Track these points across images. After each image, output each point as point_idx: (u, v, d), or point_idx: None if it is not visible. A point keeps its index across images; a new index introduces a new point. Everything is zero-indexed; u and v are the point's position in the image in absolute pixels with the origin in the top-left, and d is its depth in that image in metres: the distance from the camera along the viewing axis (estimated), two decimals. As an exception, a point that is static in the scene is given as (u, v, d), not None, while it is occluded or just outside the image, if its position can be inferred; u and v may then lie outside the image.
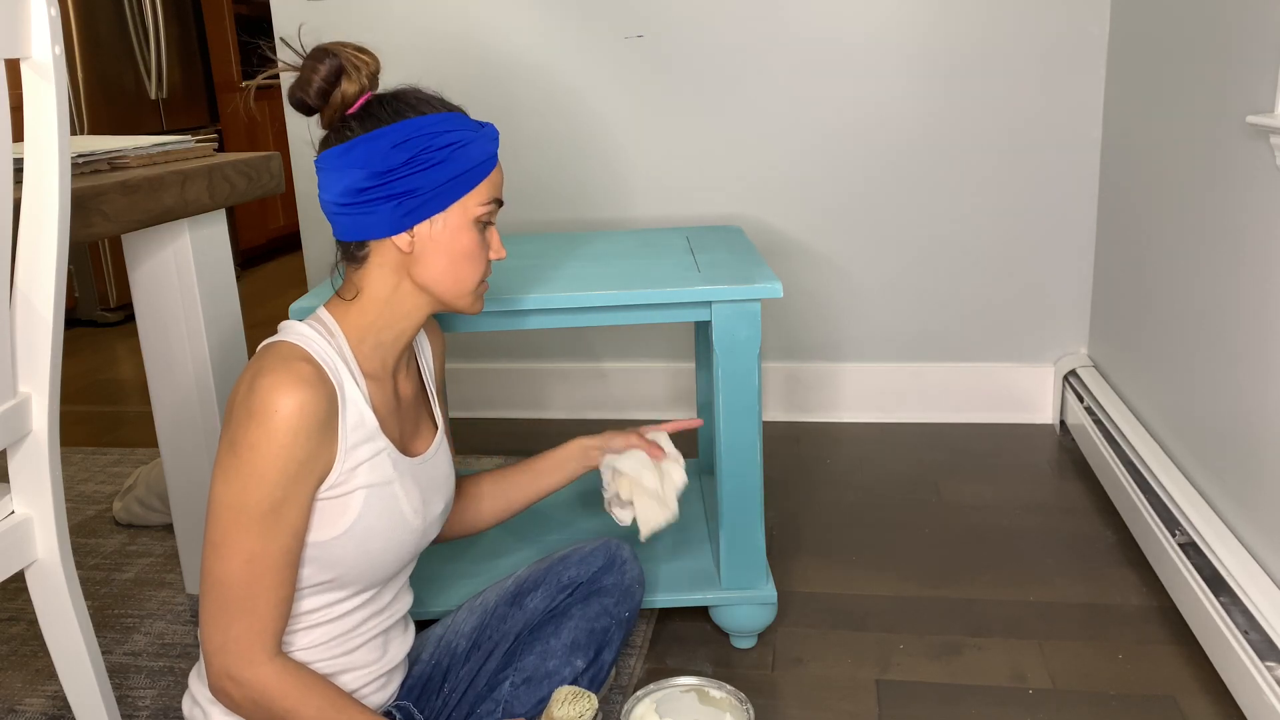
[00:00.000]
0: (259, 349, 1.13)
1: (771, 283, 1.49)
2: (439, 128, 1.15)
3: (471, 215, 1.18)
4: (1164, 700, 1.49)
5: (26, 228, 1.10)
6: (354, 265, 1.19)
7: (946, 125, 2.44)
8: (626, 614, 1.42)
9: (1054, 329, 2.53)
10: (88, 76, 3.97)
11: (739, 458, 1.56)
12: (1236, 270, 1.63)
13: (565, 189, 2.62)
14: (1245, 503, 1.59)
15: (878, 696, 1.53)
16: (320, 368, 1.10)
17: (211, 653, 1.09)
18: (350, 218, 1.16)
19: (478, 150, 1.18)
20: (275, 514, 1.07)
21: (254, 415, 1.05)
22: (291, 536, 1.09)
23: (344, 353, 1.16)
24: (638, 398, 2.72)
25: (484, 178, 1.19)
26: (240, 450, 1.06)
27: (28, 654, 1.72)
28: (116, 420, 2.90)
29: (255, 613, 1.08)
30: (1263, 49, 1.54)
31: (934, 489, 2.22)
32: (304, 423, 1.06)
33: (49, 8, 1.06)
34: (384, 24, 2.57)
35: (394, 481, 1.18)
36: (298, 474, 1.07)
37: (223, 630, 1.08)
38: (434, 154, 1.14)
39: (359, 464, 1.14)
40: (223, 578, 1.07)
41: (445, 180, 1.15)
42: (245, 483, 1.06)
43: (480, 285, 1.23)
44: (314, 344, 1.13)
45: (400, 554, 1.21)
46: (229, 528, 1.06)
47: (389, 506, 1.17)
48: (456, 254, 1.18)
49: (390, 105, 1.15)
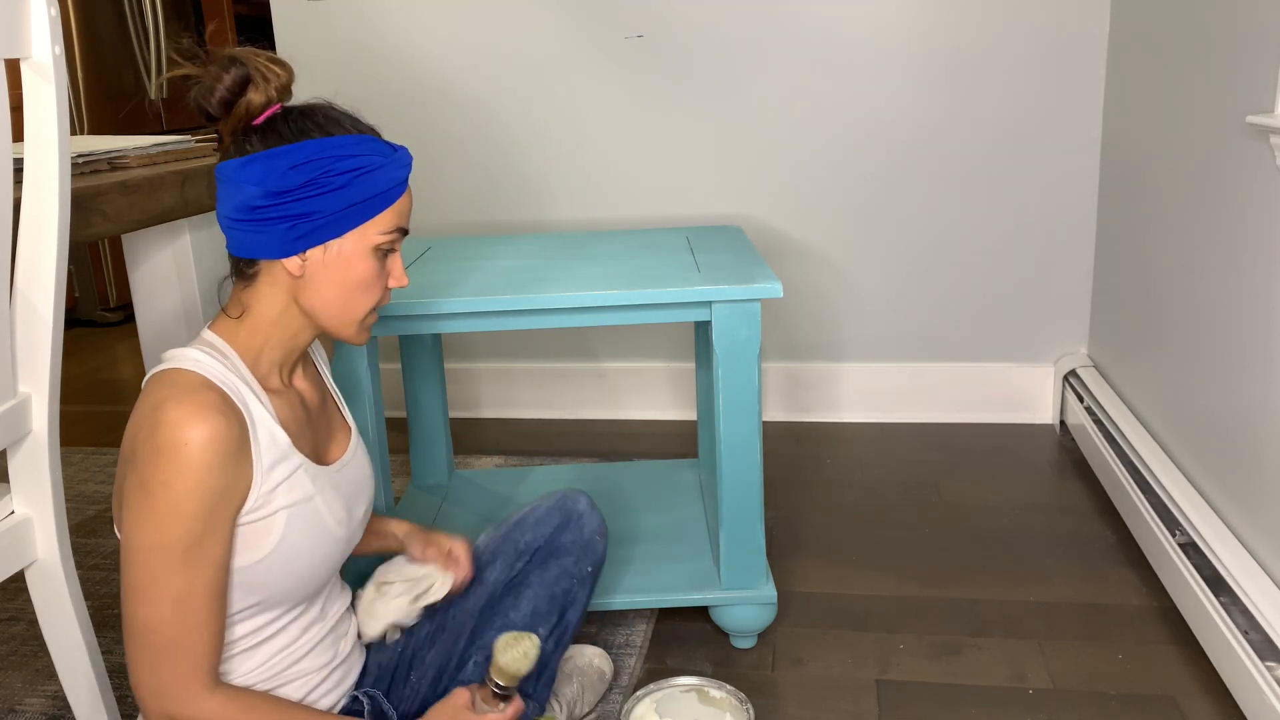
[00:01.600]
0: (149, 379, 1.08)
1: (771, 283, 1.49)
2: (343, 151, 1.10)
3: (370, 243, 1.13)
4: (1164, 700, 1.49)
5: (26, 228, 1.10)
6: (243, 282, 1.14)
7: (947, 125, 2.44)
8: (589, 568, 1.41)
9: (1054, 329, 2.53)
10: (88, 76, 3.97)
11: (739, 458, 1.56)
12: (1237, 270, 1.63)
13: (565, 189, 2.62)
14: (1245, 503, 1.59)
15: (878, 696, 1.53)
16: (224, 393, 1.06)
17: (147, 699, 1.05)
18: (242, 234, 1.11)
19: (383, 177, 1.13)
20: (198, 549, 1.03)
21: (162, 451, 1.01)
22: (216, 569, 1.05)
23: (241, 373, 1.11)
24: (638, 398, 2.72)
25: (387, 206, 1.14)
26: (153, 489, 1.01)
27: (28, 654, 1.72)
28: (116, 420, 2.90)
29: (188, 652, 1.04)
30: (1263, 49, 1.54)
31: (934, 489, 2.22)
32: (216, 452, 1.02)
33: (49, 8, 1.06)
34: (383, 24, 2.57)
35: (314, 496, 1.14)
36: (215, 505, 1.03)
37: (155, 675, 1.04)
38: (334, 178, 1.09)
39: (277, 485, 1.10)
40: (149, 622, 1.03)
41: (344, 206, 1.10)
42: (161, 522, 1.01)
43: (369, 316, 1.18)
44: (211, 369, 1.08)
45: (327, 565, 1.18)
46: (151, 570, 1.02)
47: (312, 523, 1.14)
48: (349, 282, 1.13)
49: (295, 123, 1.10)
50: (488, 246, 1.91)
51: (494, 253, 1.84)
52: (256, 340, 1.14)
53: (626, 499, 1.97)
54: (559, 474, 2.11)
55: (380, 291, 1.17)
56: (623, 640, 1.67)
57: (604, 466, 2.13)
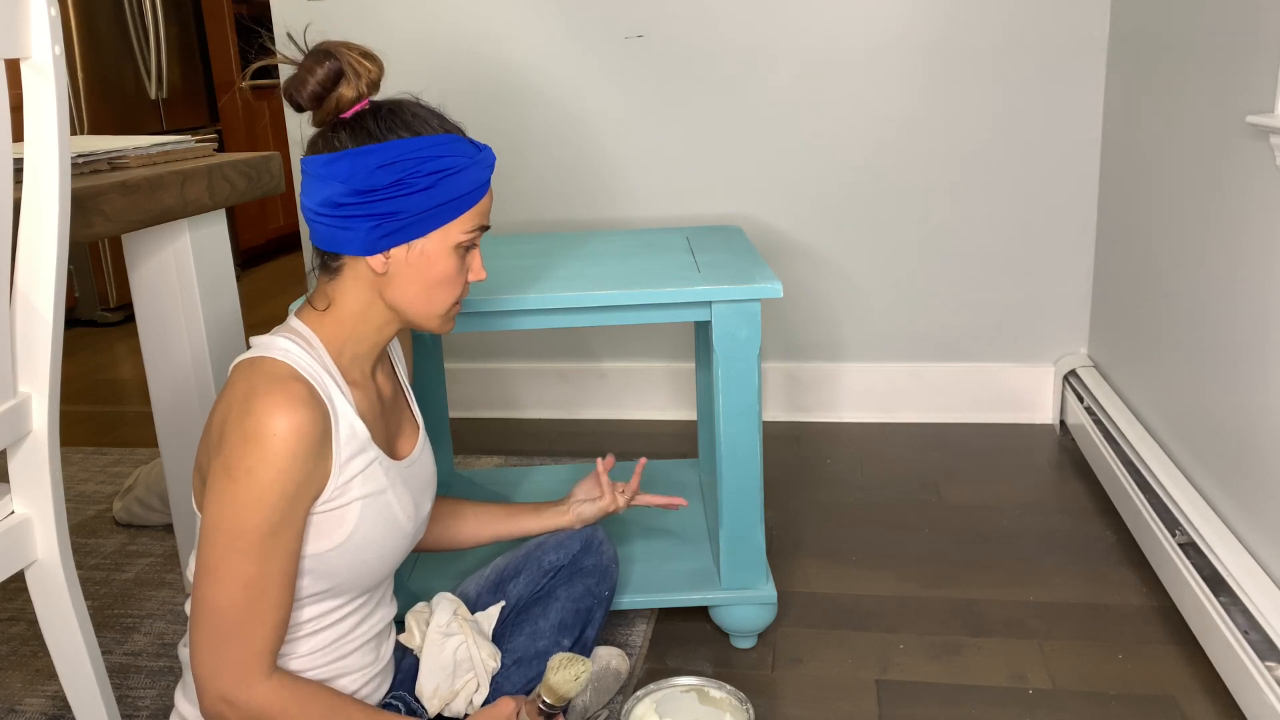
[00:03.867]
0: (238, 365, 1.10)
1: (771, 283, 1.49)
2: (430, 152, 1.11)
3: (453, 242, 1.14)
4: (1164, 700, 1.49)
5: (26, 228, 1.10)
6: (327, 275, 1.15)
7: (947, 125, 2.44)
8: (606, 592, 1.46)
9: (1054, 329, 2.53)
10: (88, 76, 3.97)
11: (739, 458, 1.56)
12: (1236, 270, 1.63)
13: (565, 189, 2.62)
14: (1245, 503, 1.59)
15: (878, 696, 1.53)
16: (311, 386, 1.07)
17: (205, 677, 1.06)
18: (326, 228, 1.12)
19: (467, 179, 1.13)
20: (274, 537, 1.05)
21: (250, 439, 1.02)
22: (288, 558, 1.07)
23: (326, 364, 1.13)
24: (638, 398, 2.72)
25: (471, 206, 1.14)
26: (237, 474, 1.03)
27: (28, 654, 1.72)
28: (116, 420, 2.90)
29: (251, 636, 1.05)
30: (1263, 49, 1.54)
31: (934, 489, 2.22)
32: (301, 444, 1.04)
33: (49, 8, 1.06)
34: (383, 24, 2.57)
35: (387, 490, 1.17)
36: (295, 495, 1.05)
37: (216, 655, 1.05)
38: (420, 179, 1.10)
39: (353, 476, 1.12)
40: (218, 603, 1.04)
41: (429, 207, 1.11)
42: (241, 507, 1.03)
43: (453, 308, 1.20)
44: (299, 360, 1.09)
45: (394, 557, 1.20)
46: (225, 553, 1.04)
47: (384, 515, 1.16)
48: (431, 280, 1.14)
49: (384, 120, 1.11)
50: (488, 246, 1.91)
51: (494, 253, 1.84)
52: (342, 332, 1.16)
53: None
54: (559, 474, 2.11)
55: (461, 286, 1.19)
56: (623, 640, 1.67)
57: (604, 466, 2.13)
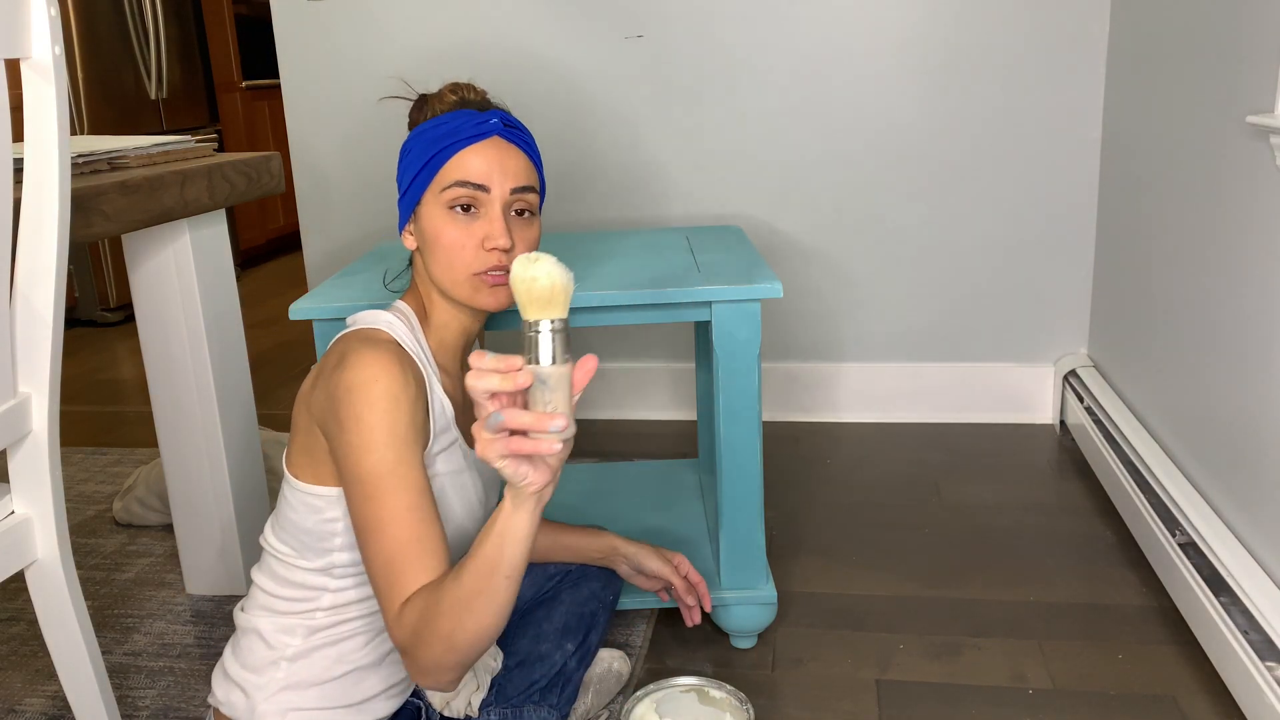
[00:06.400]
0: (339, 337, 1.12)
1: (771, 283, 1.49)
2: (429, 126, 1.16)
3: (443, 202, 1.13)
4: (1164, 700, 1.49)
5: (26, 228, 1.10)
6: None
7: (947, 125, 2.44)
8: (611, 597, 1.46)
9: (1054, 329, 2.53)
10: (88, 76, 3.97)
11: (739, 458, 1.56)
12: (1237, 270, 1.63)
13: (565, 189, 2.62)
14: (1245, 503, 1.59)
15: (878, 696, 1.53)
16: (407, 353, 1.10)
17: (392, 626, 1.01)
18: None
19: (444, 131, 1.13)
20: (394, 476, 1.02)
21: (353, 389, 1.03)
22: (419, 493, 1.03)
23: (422, 343, 1.16)
24: (638, 398, 2.72)
25: (447, 159, 1.13)
26: (348, 425, 1.03)
27: (28, 654, 1.72)
28: (116, 420, 2.90)
29: (412, 565, 1.01)
30: (1263, 49, 1.54)
31: (934, 489, 2.22)
32: (403, 389, 1.04)
33: (49, 8, 1.06)
34: (383, 24, 2.57)
35: (465, 471, 1.19)
36: (406, 436, 1.04)
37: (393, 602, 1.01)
38: (412, 152, 1.15)
39: (440, 451, 1.14)
40: (379, 554, 1.01)
41: (415, 173, 1.15)
42: (362, 454, 1.02)
43: (477, 276, 1.13)
44: (397, 330, 1.13)
45: (464, 543, 1.21)
46: (372, 497, 1.02)
47: (464, 495, 1.18)
48: (440, 246, 1.14)
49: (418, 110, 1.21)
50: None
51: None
52: (426, 315, 1.19)
53: (626, 499, 1.97)
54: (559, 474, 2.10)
55: (474, 251, 1.13)
56: (623, 640, 1.67)
57: (604, 466, 2.13)
